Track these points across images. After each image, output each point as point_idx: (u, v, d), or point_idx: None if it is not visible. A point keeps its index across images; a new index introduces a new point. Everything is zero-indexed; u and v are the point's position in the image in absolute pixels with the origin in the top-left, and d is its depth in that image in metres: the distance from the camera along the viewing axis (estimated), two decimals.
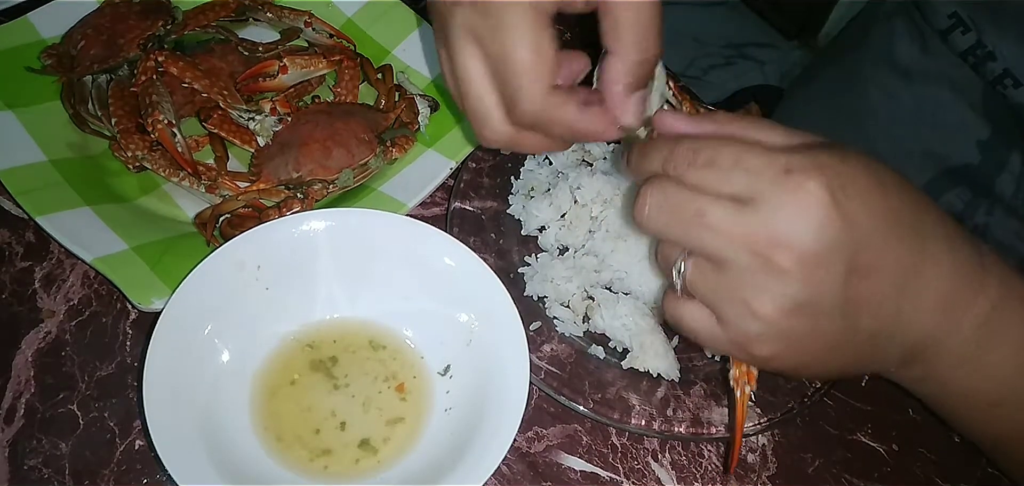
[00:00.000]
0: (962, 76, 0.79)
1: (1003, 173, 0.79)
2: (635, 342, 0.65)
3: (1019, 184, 0.78)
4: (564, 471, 0.61)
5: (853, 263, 0.45)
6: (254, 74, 0.76)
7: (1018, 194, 0.78)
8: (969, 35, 0.75)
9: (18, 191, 0.65)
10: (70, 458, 0.57)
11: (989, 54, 0.74)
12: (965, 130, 0.80)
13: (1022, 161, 0.78)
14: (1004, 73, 0.73)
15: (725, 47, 1.22)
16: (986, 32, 0.74)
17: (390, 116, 0.74)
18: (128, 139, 0.69)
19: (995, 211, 0.80)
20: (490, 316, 0.60)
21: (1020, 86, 0.72)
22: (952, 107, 0.81)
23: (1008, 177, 0.79)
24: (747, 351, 0.49)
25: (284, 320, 0.61)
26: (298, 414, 0.58)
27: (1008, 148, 0.78)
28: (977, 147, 0.80)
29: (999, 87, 0.74)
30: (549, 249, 0.71)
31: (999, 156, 0.79)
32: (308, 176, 0.69)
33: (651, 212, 0.48)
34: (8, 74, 0.73)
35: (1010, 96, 0.74)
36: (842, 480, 0.64)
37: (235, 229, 0.65)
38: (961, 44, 0.76)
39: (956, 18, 0.76)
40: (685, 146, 0.47)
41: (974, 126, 0.80)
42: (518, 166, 0.76)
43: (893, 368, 0.52)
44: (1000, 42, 0.73)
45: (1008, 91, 0.73)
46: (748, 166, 0.45)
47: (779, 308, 0.45)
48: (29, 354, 0.61)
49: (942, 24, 0.78)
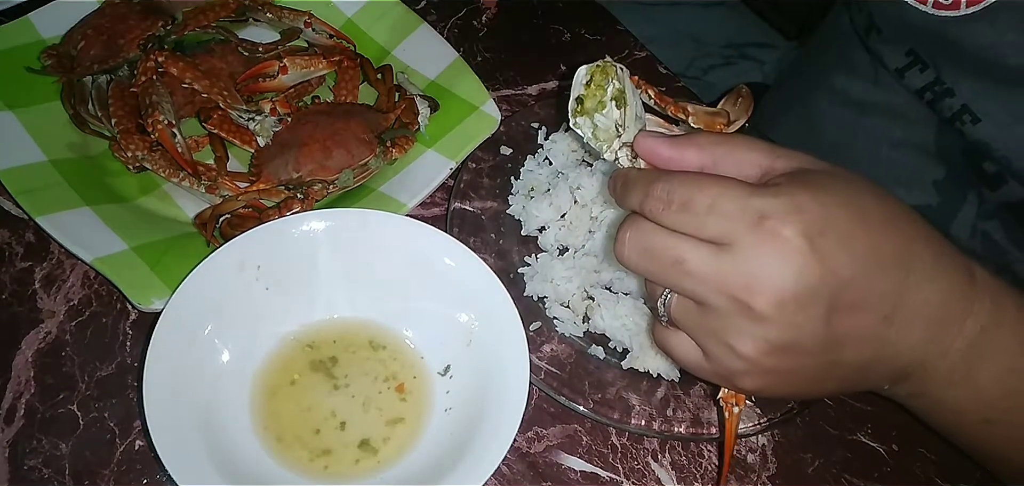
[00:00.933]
0: (916, 113, 0.78)
1: (959, 214, 0.78)
2: (635, 342, 0.65)
3: (974, 225, 0.78)
4: (564, 471, 0.61)
5: (834, 303, 0.45)
6: (254, 74, 0.76)
7: (974, 234, 0.78)
8: (927, 72, 0.75)
9: (18, 191, 0.65)
10: (70, 458, 0.57)
11: (947, 90, 0.73)
12: (920, 170, 0.80)
13: (978, 201, 0.77)
14: (962, 108, 0.72)
15: (725, 47, 1.22)
16: (945, 69, 0.73)
17: (390, 116, 0.74)
18: (128, 139, 0.69)
19: None
20: (490, 316, 0.60)
21: (978, 121, 0.72)
22: (905, 146, 0.81)
23: (963, 218, 0.78)
24: (732, 383, 0.50)
25: (284, 320, 0.61)
26: (298, 414, 0.58)
27: (963, 188, 0.78)
28: (933, 187, 0.80)
29: (957, 123, 0.73)
30: (549, 249, 0.71)
31: (954, 197, 0.78)
32: (308, 176, 0.69)
33: (630, 254, 0.49)
34: (8, 74, 0.73)
35: (967, 132, 0.73)
36: (842, 480, 0.64)
37: (235, 229, 0.65)
38: (917, 82, 0.76)
39: (913, 56, 0.75)
40: (660, 187, 0.47)
41: (928, 166, 0.80)
42: (518, 166, 0.76)
43: (884, 387, 0.53)
44: (958, 78, 0.72)
45: (966, 127, 0.73)
46: (723, 211, 0.45)
47: (760, 350, 0.46)
48: (29, 354, 0.61)
49: (899, 62, 0.77)
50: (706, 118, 0.60)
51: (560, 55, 0.91)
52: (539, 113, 0.79)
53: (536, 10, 0.95)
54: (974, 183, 0.77)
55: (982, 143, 0.73)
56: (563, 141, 0.76)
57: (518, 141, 0.77)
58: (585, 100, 0.52)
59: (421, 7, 0.91)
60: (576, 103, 0.52)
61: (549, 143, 0.77)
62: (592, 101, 0.52)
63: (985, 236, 0.78)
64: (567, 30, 0.94)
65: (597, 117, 0.52)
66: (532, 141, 0.78)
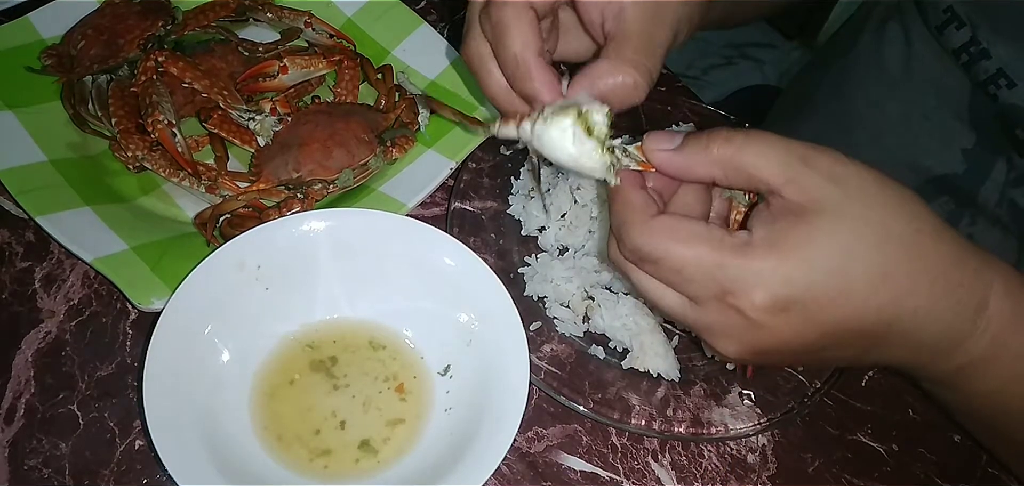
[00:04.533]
0: (949, 80, 0.78)
1: (987, 182, 0.78)
2: (635, 342, 0.65)
3: (1003, 192, 0.78)
4: (564, 471, 0.61)
5: (806, 349, 0.48)
6: (254, 74, 0.76)
7: (1002, 202, 0.78)
8: (963, 31, 0.74)
9: (18, 191, 0.65)
10: (70, 458, 0.57)
11: (983, 51, 0.73)
12: (950, 138, 0.80)
13: (1007, 168, 0.77)
14: (998, 72, 0.72)
15: (725, 47, 1.22)
16: (980, 29, 0.73)
17: (390, 116, 0.74)
18: (128, 139, 0.69)
19: (978, 221, 0.79)
20: (490, 316, 0.60)
21: (1014, 86, 0.72)
22: (937, 114, 0.80)
23: (992, 185, 0.78)
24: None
25: (284, 320, 0.61)
26: (298, 414, 0.58)
27: (993, 155, 0.78)
28: (962, 155, 0.79)
29: (991, 87, 0.73)
30: (549, 249, 0.71)
31: (983, 164, 0.78)
32: (308, 176, 0.69)
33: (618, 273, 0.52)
34: (8, 74, 0.73)
35: (1002, 97, 0.73)
36: (842, 480, 0.64)
37: (235, 229, 0.65)
38: (954, 41, 0.75)
39: (950, 13, 0.75)
40: (631, 247, 0.48)
41: (959, 133, 0.79)
42: (518, 166, 0.76)
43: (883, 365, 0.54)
44: (995, 40, 0.72)
45: (1001, 91, 0.73)
46: (689, 277, 0.47)
47: (737, 356, 0.49)
48: (29, 354, 0.61)
49: (937, 19, 0.77)
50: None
51: None
52: None
53: None
54: (1005, 150, 0.77)
55: (1017, 107, 0.72)
56: None
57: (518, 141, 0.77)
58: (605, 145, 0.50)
59: (421, 7, 0.90)
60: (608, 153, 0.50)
61: None
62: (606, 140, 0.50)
63: (1011, 205, 0.78)
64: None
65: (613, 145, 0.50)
66: None
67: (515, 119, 0.51)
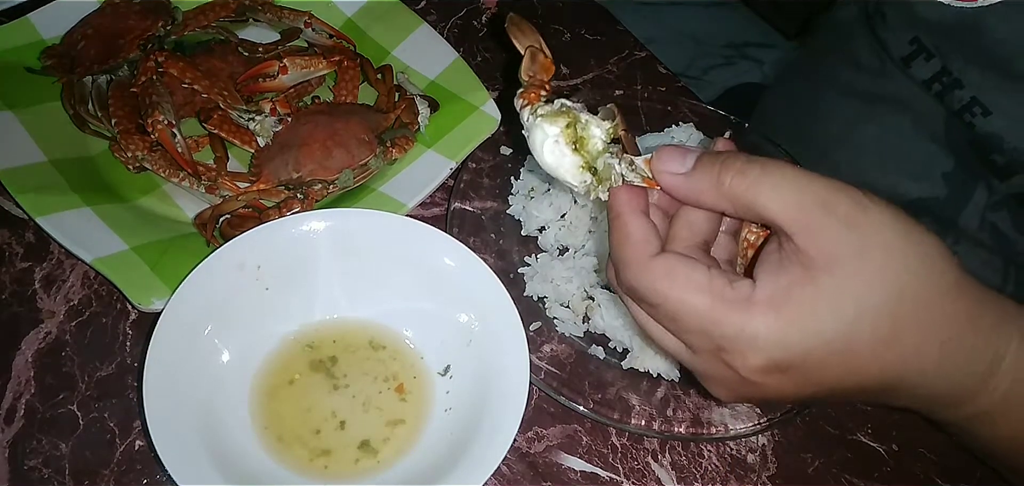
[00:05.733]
0: (923, 105, 0.77)
1: (968, 205, 0.77)
2: (635, 342, 0.65)
3: (983, 217, 0.77)
4: (564, 471, 0.61)
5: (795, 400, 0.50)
6: (254, 74, 0.76)
7: (983, 226, 0.77)
8: (933, 61, 0.72)
9: (18, 191, 0.65)
10: (70, 458, 0.57)
11: (955, 81, 0.71)
12: (929, 162, 0.79)
13: (988, 193, 0.76)
14: (972, 101, 0.70)
15: (725, 47, 1.22)
16: (951, 59, 0.71)
17: (390, 116, 0.74)
18: (128, 139, 0.69)
19: (961, 242, 0.79)
20: (490, 316, 0.60)
21: (989, 114, 0.70)
22: (914, 138, 0.79)
23: (973, 209, 0.77)
24: None
25: (284, 320, 0.61)
26: (298, 414, 0.58)
27: (974, 179, 0.77)
28: (942, 179, 0.78)
29: (967, 115, 0.71)
30: (549, 249, 0.71)
31: (965, 188, 0.77)
32: (308, 176, 0.69)
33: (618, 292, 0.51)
34: (8, 74, 0.73)
35: (978, 125, 0.71)
36: (842, 480, 0.64)
37: (235, 229, 0.65)
38: (924, 72, 0.73)
39: (917, 44, 0.73)
40: (627, 286, 0.47)
41: (937, 158, 0.78)
42: (518, 166, 0.76)
43: None
44: (967, 69, 0.70)
45: (976, 120, 0.71)
46: (686, 327, 0.46)
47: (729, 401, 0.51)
48: (29, 354, 0.61)
49: (903, 51, 0.75)
50: None
51: (561, 55, 0.91)
52: None
53: (536, 10, 0.95)
54: (983, 174, 0.76)
55: (993, 135, 0.71)
56: None
57: (518, 141, 0.77)
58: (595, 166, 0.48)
59: (421, 7, 0.91)
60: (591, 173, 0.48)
61: None
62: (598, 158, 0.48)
63: (993, 228, 0.77)
64: (567, 30, 0.94)
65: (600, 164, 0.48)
66: None
67: (530, 95, 0.49)
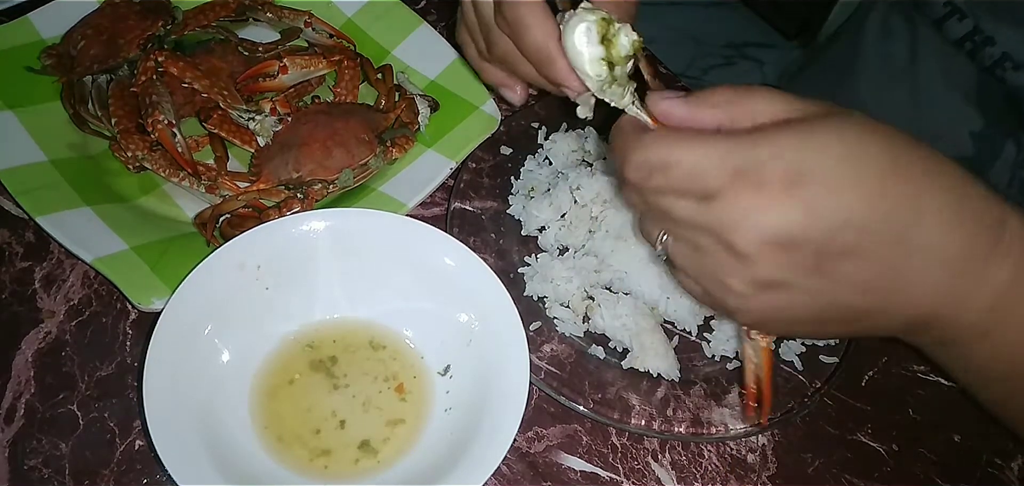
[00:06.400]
0: (955, 66, 0.79)
1: (997, 163, 0.78)
2: (635, 342, 0.65)
3: (1013, 173, 0.78)
4: (564, 471, 0.61)
5: (823, 248, 0.45)
6: (254, 74, 0.76)
7: (1012, 182, 0.78)
8: (965, 22, 0.75)
9: (18, 191, 0.65)
10: (70, 458, 0.57)
11: (987, 39, 0.74)
12: (958, 122, 0.80)
13: (1017, 149, 0.77)
14: (1003, 56, 0.73)
15: (725, 47, 1.22)
16: (982, 19, 0.74)
17: (390, 116, 0.74)
18: (128, 139, 0.69)
19: None
20: (490, 316, 0.60)
21: (1020, 69, 0.72)
22: (944, 100, 0.81)
23: (1002, 166, 0.78)
24: (733, 318, 0.51)
25: (284, 320, 0.61)
26: (298, 414, 0.58)
27: (1003, 137, 0.78)
28: (970, 138, 0.80)
29: (998, 71, 0.74)
30: (549, 249, 0.71)
31: (993, 146, 0.79)
32: (308, 176, 0.69)
33: (627, 196, 0.51)
34: (8, 74, 0.73)
35: (1008, 79, 0.74)
36: (842, 480, 0.64)
37: (235, 229, 0.65)
38: (957, 31, 0.76)
39: (951, 6, 0.76)
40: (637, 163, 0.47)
41: (967, 117, 0.80)
42: (518, 166, 0.76)
43: (900, 335, 0.51)
44: (998, 27, 0.73)
45: (1007, 74, 0.73)
46: (702, 169, 0.46)
47: (748, 286, 0.47)
48: (29, 354, 0.61)
49: (937, 13, 0.78)
50: None
51: None
52: (539, 113, 0.79)
53: None
54: (1013, 131, 0.77)
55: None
56: (563, 141, 0.76)
57: (518, 141, 0.77)
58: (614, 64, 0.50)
59: (421, 7, 0.90)
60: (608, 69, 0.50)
61: (549, 143, 0.77)
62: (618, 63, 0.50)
63: (1023, 184, 0.78)
64: None
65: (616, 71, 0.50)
66: (532, 141, 0.78)
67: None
